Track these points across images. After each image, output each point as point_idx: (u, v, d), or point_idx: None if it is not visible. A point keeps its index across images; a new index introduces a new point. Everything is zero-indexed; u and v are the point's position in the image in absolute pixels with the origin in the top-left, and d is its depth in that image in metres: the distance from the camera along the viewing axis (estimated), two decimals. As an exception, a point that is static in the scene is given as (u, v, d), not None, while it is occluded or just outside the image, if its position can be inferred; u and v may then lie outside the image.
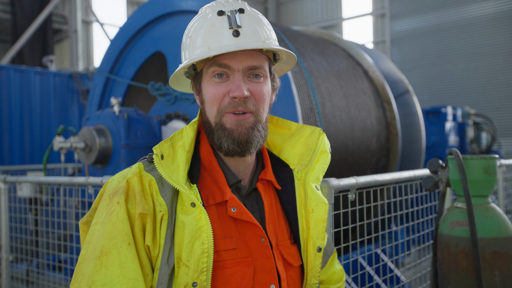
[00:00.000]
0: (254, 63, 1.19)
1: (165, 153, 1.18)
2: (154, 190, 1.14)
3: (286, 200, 1.31)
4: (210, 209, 1.19)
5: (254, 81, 1.20)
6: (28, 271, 4.21)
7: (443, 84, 15.36)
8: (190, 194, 1.12)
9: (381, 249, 4.17)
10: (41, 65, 11.83)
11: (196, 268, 1.09)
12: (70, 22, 13.70)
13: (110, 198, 1.15)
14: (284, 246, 1.26)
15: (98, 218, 1.14)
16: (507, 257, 1.95)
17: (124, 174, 1.19)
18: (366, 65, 5.23)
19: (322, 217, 1.28)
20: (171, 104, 4.38)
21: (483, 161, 2.03)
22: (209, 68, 1.19)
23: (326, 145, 1.37)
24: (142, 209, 1.11)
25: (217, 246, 1.15)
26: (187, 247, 1.10)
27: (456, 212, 2.05)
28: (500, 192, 3.86)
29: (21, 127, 7.72)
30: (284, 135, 1.39)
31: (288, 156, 1.37)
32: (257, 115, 1.20)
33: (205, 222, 1.11)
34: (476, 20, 14.81)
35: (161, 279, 1.10)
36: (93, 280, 1.06)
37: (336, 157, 4.14)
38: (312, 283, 1.29)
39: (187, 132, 1.22)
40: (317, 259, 1.27)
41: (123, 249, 1.08)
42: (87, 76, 8.69)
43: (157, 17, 4.58)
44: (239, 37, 1.17)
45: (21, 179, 3.67)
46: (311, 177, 1.31)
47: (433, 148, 8.16)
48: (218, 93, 1.18)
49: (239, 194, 1.25)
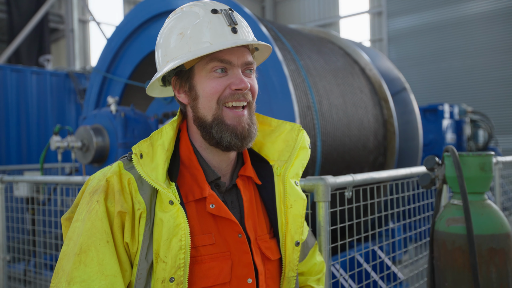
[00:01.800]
0: (249, 59, 1.26)
1: (144, 152, 1.20)
2: (133, 189, 1.17)
3: (266, 196, 1.35)
4: (189, 205, 1.22)
5: (248, 75, 1.26)
6: (25, 270, 4.21)
7: (440, 82, 15.39)
8: (167, 193, 1.15)
9: (378, 246, 4.18)
10: (37, 65, 11.80)
11: (173, 264, 1.13)
12: (66, 21, 13.65)
13: (90, 196, 1.17)
14: (263, 240, 1.30)
15: (79, 216, 1.17)
16: (503, 254, 1.95)
17: (104, 172, 1.22)
18: (363, 63, 5.24)
19: (300, 212, 1.32)
20: (168, 103, 4.38)
21: (479, 158, 2.03)
22: (208, 64, 1.21)
23: (306, 141, 1.39)
24: (121, 208, 1.14)
25: (195, 242, 1.19)
26: (164, 243, 1.13)
27: (452, 209, 2.05)
28: (496, 189, 3.88)
29: (18, 127, 7.70)
30: (264, 131, 1.41)
31: (268, 152, 1.39)
32: (251, 106, 1.28)
33: (182, 220, 1.14)
34: (472, 17, 14.84)
35: (140, 274, 1.14)
36: (72, 277, 1.09)
37: (333, 155, 4.14)
38: (290, 276, 1.32)
39: (167, 131, 1.24)
40: (295, 253, 1.32)
41: (101, 247, 1.11)
42: (84, 75, 8.67)
43: (153, 16, 4.57)
44: (237, 33, 1.23)
45: (18, 178, 3.66)
46: (290, 173, 1.33)
47: (430, 145, 8.17)
48: (219, 86, 1.21)
49: (219, 190, 1.28)
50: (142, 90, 4.91)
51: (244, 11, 3.91)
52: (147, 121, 4.22)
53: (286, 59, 3.97)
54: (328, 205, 1.99)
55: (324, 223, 1.95)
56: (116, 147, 3.97)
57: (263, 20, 4.45)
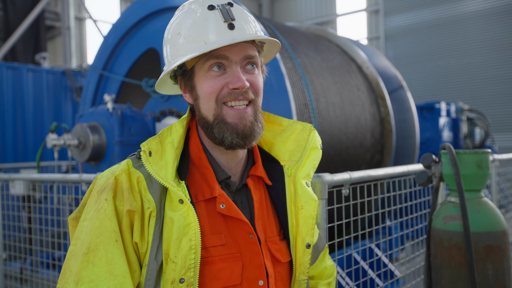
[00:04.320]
0: (250, 52, 1.21)
1: (153, 150, 1.17)
2: (142, 187, 1.14)
3: (276, 196, 1.31)
4: (199, 205, 1.19)
5: (250, 72, 1.21)
6: (22, 269, 4.20)
7: (437, 80, 15.42)
8: (178, 191, 1.12)
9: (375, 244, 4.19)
10: (34, 62, 11.74)
11: (183, 264, 1.09)
12: (63, 18, 13.58)
13: (99, 195, 1.15)
14: (273, 242, 1.26)
15: (87, 215, 1.15)
16: (499, 251, 1.96)
17: (112, 170, 1.19)
18: (360, 61, 5.24)
19: (312, 213, 1.28)
20: (165, 101, 4.37)
21: (476, 156, 2.04)
22: (205, 63, 1.19)
23: (317, 141, 1.36)
24: (130, 206, 1.11)
25: (205, 242, 1.15)
26: (174, 243, 1.10)
27: (449, 207, 2.06)
28: (493, 187, 3.89)
29: (14, 125, 7.67)
30: (275, 131, 1.38)
31: (279, 152, 1.36)
32: (256, 103, 1.22)
33: (192, 219, 1.11)
34: (469, 15, 14.87)
35: (149, 275, 1.11)
36: (80, 277, 1.06)
37: (330, 153, 4.14)
38: (300, 279, 1.29)
39: (176, 129, 1.22)
40: (306, 256, 1.28)
41: (110, 246, 1.08)
42: (81, 73, 8.63)
43: (150, 13, 4.55)
44: (234, 29, 1.17)
45: (14, 176, 3.65)
46: (301, 173, 1.30)
47: (427, 143, 8.18)
48: (217, 85, 1.18)
49: (229, 190, 1.25)
50: (139, 88, 4.90)
51: (241, 8, 3.90)
52: (144, 119, 4.21)
53: (283, 56, 3.97)
54: (325, 203, 1.99)
55: (322, 221, 1.95)
56: (113, 145, 3.96)
57: (260, 18, 4.45)
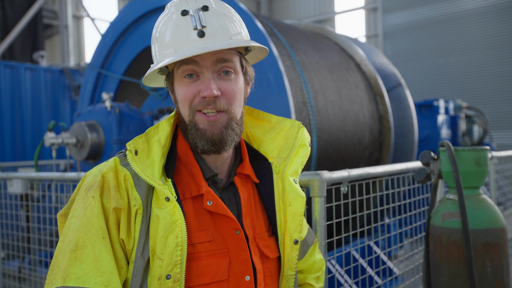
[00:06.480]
0: (223, 56, 1.18)
1: (140, 149, 1.18)
2: (129, 185, 1.15)
3: (264, 193, 1.33)
4: (186, 202, 1.21)
5: (224, 78, 1.19)
6: (20, 268, 4.19)
7: (435, 78, 15.43)
8: (163, 189, 1.13)
9: (374, 241, 4.20)
10: (31, 61, 11.72)
11: (170, 261, 1.11)
12: (60, 17, 13.55)
13: (86, 192, 1.16)
14: (261, 238, 1.28)
15: (75, 212, 1.16)
16: (498, 248, 1.96)
17: (100, 168, 1.20)
18: (359, 58, 5.23)
19: (299, 210, 1.30)
20: (163, 99, 4.36)
21: (475, 153, 2.04)
22: (179, 68, 1.19)
23: (306, 139, 1.36)
24: (117, 204, 1.13)
25: (192, 239, 1.17)
26: (161, 240, 1.12)
27: (448, 204, 2.06)
28: (491, 184, 3.89)
29: (12, 124, 7.65)
30: (264, 128, 1.39)
31: (268, 149, 1.37)
32: (230, 113, 1.20)
33: (179, 216, 1.13)
34: (467, 13, 14.88)
35: (136, 271, 1.13)
36: (68, 273, 1.08)
37: (329, 151, 4.14)
38: (288, 274, 1.31)
39: (163, 127, 1.23)
40: (293, 252, 1.30)
41: (97, 243, 1.10)
42: (78, 71, 8.61)
43: (148, 12, 4.55)
44: (204, 37, 1.15)
45: (12, 175, 3.64)
46: (289, 170, 1.31)
47: (425, 141, 8.19)
48: (189, 93, 1.18)
49: (216, 187, 1.26)
50: (137, 86, 4.89)
51: (239, 6, 3.89)
52: (142, 117, 4.21)
53: (282, 54, 3.96)
54: (324, 200, 1.99)
55: (320, 218, 1.95)
56: (111, 143, 3.95)
57: (259, 16, 4.44)
